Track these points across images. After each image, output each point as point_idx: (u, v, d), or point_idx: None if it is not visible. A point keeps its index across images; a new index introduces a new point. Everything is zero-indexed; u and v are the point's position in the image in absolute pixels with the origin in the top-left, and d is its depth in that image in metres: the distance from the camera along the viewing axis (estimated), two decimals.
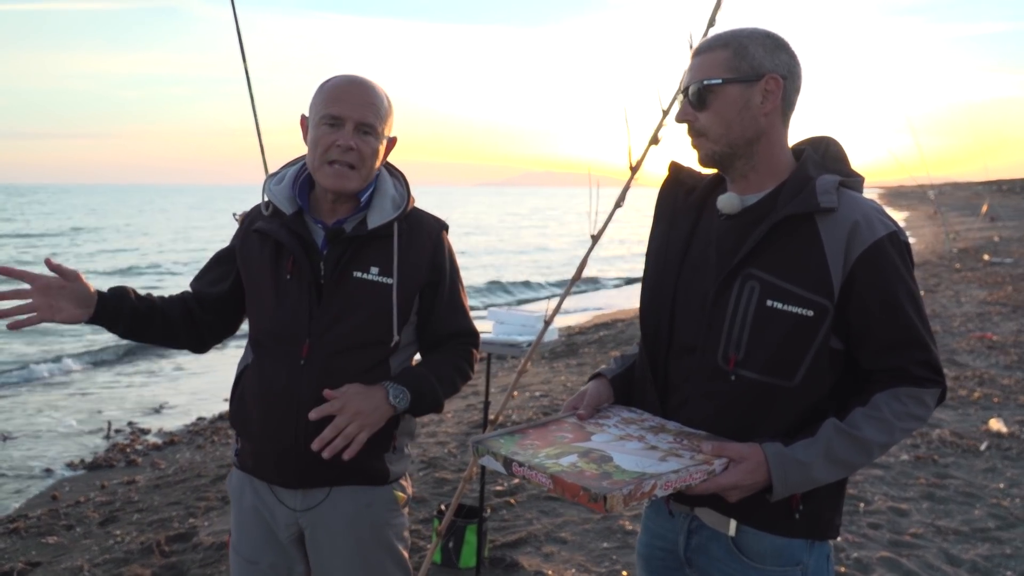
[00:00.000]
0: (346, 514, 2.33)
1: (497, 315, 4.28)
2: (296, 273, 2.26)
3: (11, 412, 9.41)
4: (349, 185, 2.24)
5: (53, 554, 5.07)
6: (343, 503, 2.33)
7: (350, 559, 2.34)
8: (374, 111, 2.23)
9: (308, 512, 2.33)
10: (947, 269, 18.80)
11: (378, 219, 2.29)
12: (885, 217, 1.80)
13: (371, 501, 2.35)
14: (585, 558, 4.53)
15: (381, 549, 2.37)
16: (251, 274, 2.36)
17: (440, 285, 2.39)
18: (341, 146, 2.19)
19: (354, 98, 2.22)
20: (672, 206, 2.06)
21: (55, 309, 2.14)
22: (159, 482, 6.53)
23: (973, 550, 4.61)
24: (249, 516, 2.38)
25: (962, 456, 6.17)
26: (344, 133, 2.19)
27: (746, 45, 1.83)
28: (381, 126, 2.25)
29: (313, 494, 2.32)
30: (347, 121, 2.20)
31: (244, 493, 2.40)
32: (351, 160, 2.21)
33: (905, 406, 1.78)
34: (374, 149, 2.25)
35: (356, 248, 2.27)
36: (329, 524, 2.33)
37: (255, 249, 2.34)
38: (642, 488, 1.59)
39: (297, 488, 2.32)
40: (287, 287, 2.27)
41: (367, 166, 2.25)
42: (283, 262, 2.28)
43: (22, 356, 12.68)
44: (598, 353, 11.18)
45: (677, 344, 1.94)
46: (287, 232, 2.26)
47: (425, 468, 6.05)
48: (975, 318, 12.01)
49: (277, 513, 2.34)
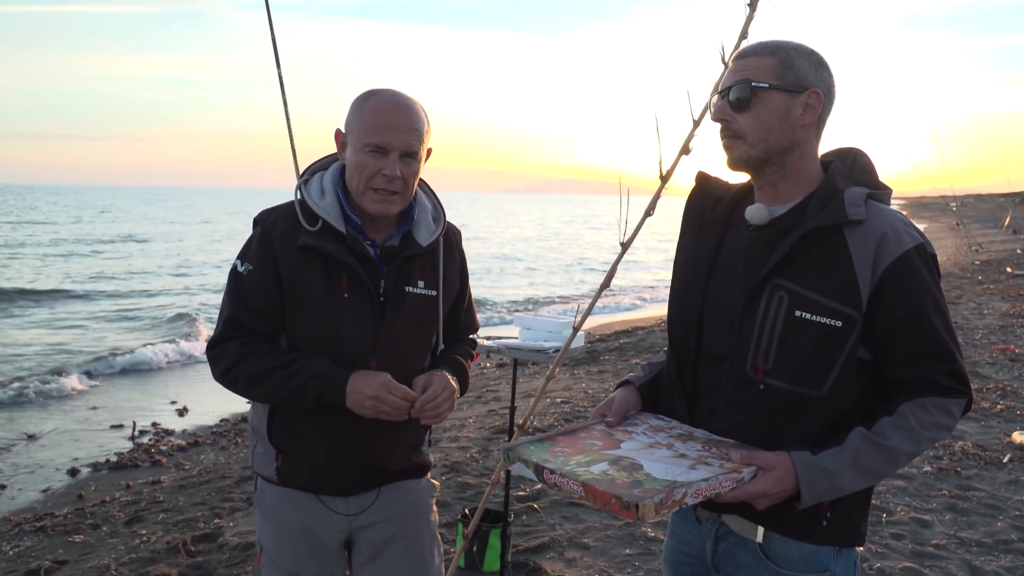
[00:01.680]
0: (397, 506, 2.43)
1: (523, 321, 4.30)
2: (353, 291, 2.26)
3: (36, 413, 9.51)
4: (393, 210, 2.26)
5: (80, 552, 5.14)
6: (394, 498, 2.43)
7: (404, 545, 2.44)
8: (417, 136, 2.22)
9: (360, 515, 2.39)
10: (969, 281, 18.65)
11: (427, 235, 2.35)
12: (912, 229, 1.82)
13: (417, 490, 2.48)
14: (607, 564, 4.55)
15: (427, 534, 2.50)
16: (299, 292, 2.25)
17: (464, 291, 2.54)
18: (387, 176, 2.19)
19: (399, 125, 2.19)
20: (700, 216, 2.09)
21: None
22: (184, 482, 6.60)
23: (996, 562, 4.59)
24: (293, 531, 2.38)
25: (985, 468, 6.14)
26: (390, 163, 2.18)
27: (792, 57, 1.86)
28: (423, 148, 2.26)
29: (365, 497, 2.39)
30: (392, 151, 2.19)
31: (285, 510, 2.38)
32: (396, 188, 2.21)
33: (931, 415, 1.80)
34: (416, 171, 2.26)
35: (407, 264, 2.33)
36: (383, 519, 2.41)
37: (303, 266, 2.24)
38: (673, 496, 1.62)
39: (352, 495, 2.38)
40: (345, 307, 2.25)
41: (410, 189, 2.27)
42: (335, 280, 2.25)
43: (45, 363, 12.79)
44: (619, 360, 11.17)
45: (705, 353, 1.97)
46: (345, 250, 2.24)
47: (448, 472, 6.08)
48: (997, 330, 11.92)
49: (328, 522, 2.38)
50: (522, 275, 30.17)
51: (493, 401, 8.76)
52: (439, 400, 2.27)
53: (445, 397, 2.28)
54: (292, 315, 2.27)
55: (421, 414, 2.25)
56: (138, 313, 18.56)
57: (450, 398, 2.30)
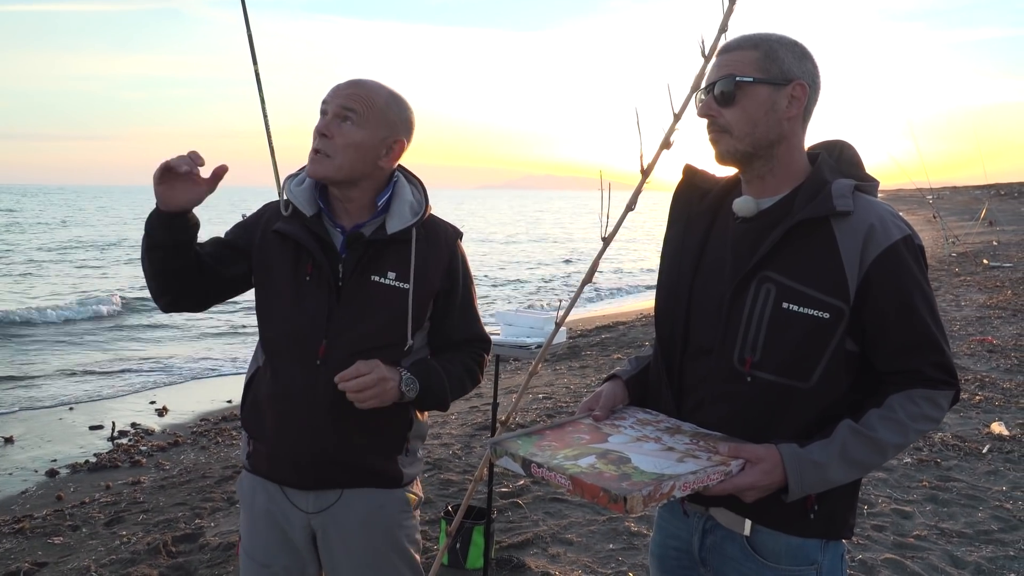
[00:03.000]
0: (359, 516, 2.34)
1: (505, 317, 4.29)
2: (315, 275, 2.27)
3: (15, 414, 9.41)
4: (319, 171, 2.22)
5: (59, 554, 5.08)
6: (356, 505, 2.34)
7: (362, 561, 2.35)
8: (358, 99, 2.22)
9: (320, 514, 2.34)
10: (947, 273, 18.81)
11: (397, 224, 2.30)
12: (900, 221, 1.82)
13: (384, 503, 2.37)
14: (591, 559, 4.55)
15: (393, 551, 2.38)
16: (269, 275, 2.33)
17: (454, 292, 2.41)
18: (318, 132, 2.21)
19: (344, 89, 2.23)
20: (687, 209, 2.08)
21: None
22: (164, 483, 6.54)
23: (977, 552, 4.63)
24: (261, 520, 2.38)
25: (964, 459, 6.19)
26: (324, 121, 2.21)
27: (776, 49, 1.85)
28: (369, 116, 2.22)
29: (326, 496, 2.33)
30: (329, 111, 2.22)
31: (256, 496, 2.39)
32: (325, 148, 2.20)
33: (919, 407, 1.80)
34: (353, 140, 2.21)
35: (374, 252, 2.28)
36: (342, 526, 2.33)
37: (274, 250, 2.32)
38: (661, 489, 1.61)
39: (312, 490, 2.33)
40: (305, 289, 2.27)
41: (343, 156, 2.21)
42: (302, 264, 2.28)
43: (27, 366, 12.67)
44: (600, 356, 11.19)
45: (693, 346, 1.96)
46: (307, 233, 2.26)
47: (430, 469, 6.06)
48: (975, 322, 12.04)
49: (290, 515, 2.35)
50: (505, 269, 30.16)
51: (475, 398, 8.74)
52: (358, 382, 2.13)
53: (371, 381, 2.13)
54: (260, 295, 2.36)
55: (339, 384, 2.15)
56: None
57: (377, 383, 2.14)
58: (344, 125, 2.21)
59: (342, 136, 2.20)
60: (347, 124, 2.21)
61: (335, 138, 2.20)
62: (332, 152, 2.20)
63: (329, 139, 2.20)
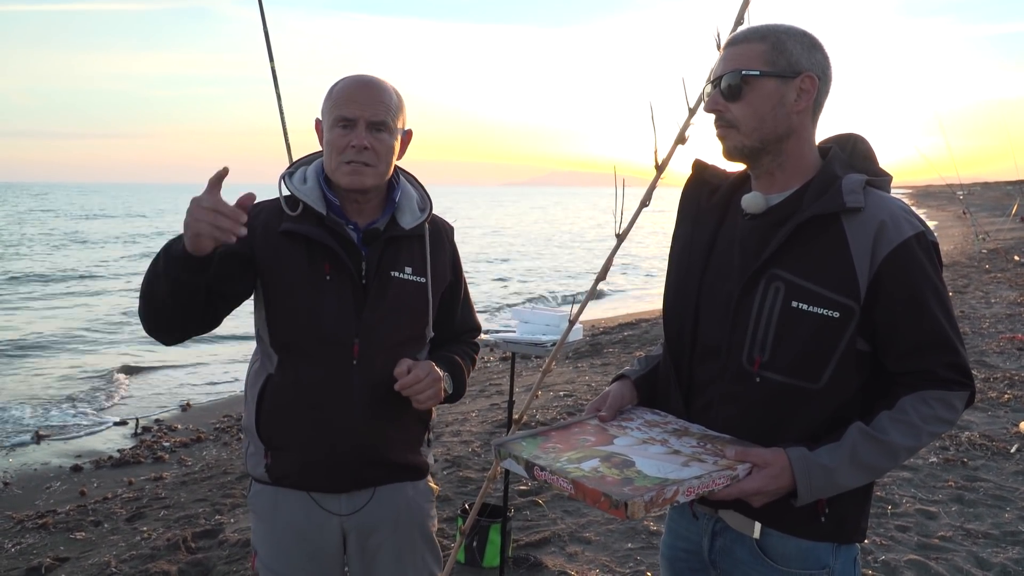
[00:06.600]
0: (392, 512, 2.37)
1: (521, 314, 4.26)
2: (335, 274, 2.24)
3: (41, 410, 9.51)
4: (366, 182, 2.23)
5: (81, 549, 5.12)
6: (389, 501, 2.37)
7: (396, 556, 2.38)
8: (384, 108, 2.22)
9: (354, 515, 2.34)
10: (976, 270, 18.56)
11: (411, 220, 2.33)
12: (912, 217, 1.77)
13: (413, 495, 2.42)
14: (609, 558, 4.52)
15: (422, 541, 2.44)
16: (280, 277, 2.24)
17: (459, 285, 2.51)
18: (356, 146, 2.19)
19: (364, 97, 2.21)
20: (696, 206, 2.04)
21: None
22: (186, 479, 6.59)
23: (1003, 554, 4.54)
24: (286, 533, 2.33)
25: (992, 459, 6.09)
26: (357, 134, 2.19)
27: (784, 41, 1.80)
28: (394, 121, 2.25)
29: (359, 496, 2.33)
30: (359, 121, 2.19)
31: (278, 510, 2.33)
32: (366, 159, 2.20)
33: (932, 409, 1.75)
34: (389, 145, 2.25)
35: (391, 248, 2.30)
36: (377, 523, 2.35)
37: (282, 252, 2.23)
38: (664, 494, 1.58)
39: (346, 492, 2.32)
40: (326, 288, 2.23)
41: (383, 162, 2.25)
42: (318, 264, 2.23)
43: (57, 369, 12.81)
44: (622, 353, 11.15)
45: (701, 346, 1.93)
46: (325, 232, 2.23)
47: (449, 467, 6.06)
48: (1005, 319, 11.84)
49: (321, 522, 2.32)
50: (522, 268, 30.13)
51: (496, 395, 8.73)
52: (422, 385, 2.19)
53: (429, 383, 2.21)
54: (272, 301, 2.26)
55: (403, 389, 2.18)
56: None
57: (433, 384, 2.22)
58: (380, 135, 2.22)
59: (380, 144, 2.22)
60: (382, 133, 2.22)
61: (374, 149, 2.21)
62: (374, 162, 2.22)
63: (369, 150, 2.21)
